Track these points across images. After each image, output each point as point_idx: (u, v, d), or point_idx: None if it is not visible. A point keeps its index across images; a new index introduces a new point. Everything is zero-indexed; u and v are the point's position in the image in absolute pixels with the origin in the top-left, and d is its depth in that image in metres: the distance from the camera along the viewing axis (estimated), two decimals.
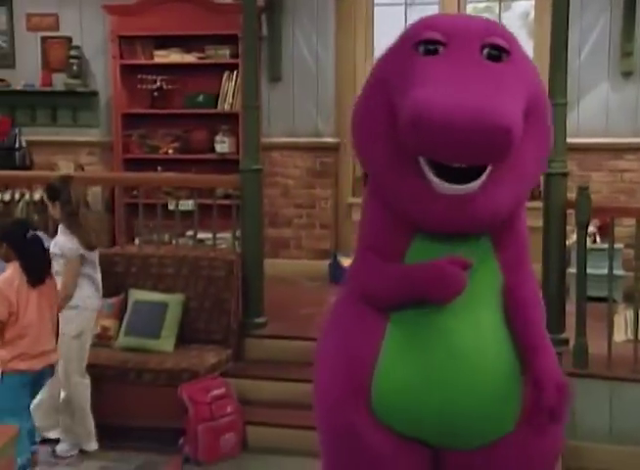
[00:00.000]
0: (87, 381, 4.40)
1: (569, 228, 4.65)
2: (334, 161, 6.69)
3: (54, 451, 4.38)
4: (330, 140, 6.67)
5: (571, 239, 4.88)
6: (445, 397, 2.40)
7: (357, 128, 2.49)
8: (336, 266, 6.42)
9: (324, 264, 6.54)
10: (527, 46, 6.63)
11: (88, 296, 4.39)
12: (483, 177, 2.28)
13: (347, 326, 2.57)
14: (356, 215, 6.72)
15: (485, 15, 6.88)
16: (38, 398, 4.41)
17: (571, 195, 4.52)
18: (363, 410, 2.49)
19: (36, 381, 3.96)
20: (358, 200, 6.75)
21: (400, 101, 2.28)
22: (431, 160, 2.27)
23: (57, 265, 4.32)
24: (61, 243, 4.30)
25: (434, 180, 2.28)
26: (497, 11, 6.69)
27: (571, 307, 4.44)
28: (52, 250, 4.33)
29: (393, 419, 2.48)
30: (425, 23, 2.42)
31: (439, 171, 2.27)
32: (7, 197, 6.20)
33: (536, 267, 4.70)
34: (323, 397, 2.64)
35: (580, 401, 4.15)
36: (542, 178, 4.64)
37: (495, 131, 2.14)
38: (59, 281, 4.30)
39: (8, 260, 3.94)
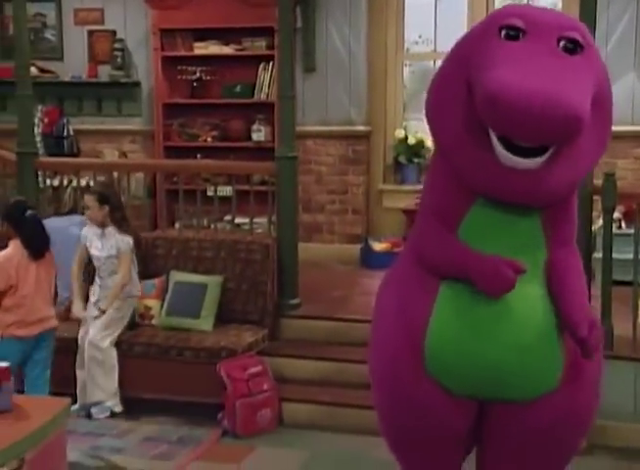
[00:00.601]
0: (115, 352, 4.55)
1: (595, 214, 4.57)
2: (365, 148, 6.66)
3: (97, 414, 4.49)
4: (362, 129, 6.63)
5: (597, 224, 4.80)
6: (493, 354, 2.51)
7: (433, 100, 2.59)
8: (367, 251, 6.42)
9: (355, 249, 6.54)
10: None
11: (136, 284, 4.70)
12: (548, 154, 2.37)
13: (406, 286, 2.68)
14: (387, 202, 6.73)
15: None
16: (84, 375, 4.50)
17: (598, 181, 4.44)
18: (418, 365, 2.58)
19: (36, 345, 4.08)
20: (389, 186, 6.77)
21: (478, 77, 2.38)
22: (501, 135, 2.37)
23: (112, 265, 4.58)
24: (117, 244, 4.59)
25: (502, 153, 2.37)
26: (526, 0, 6.57)
27: (596, 291, 4.38)
28: (105, 253, 4.59)
29: (443, 374, 2.57)
30: (510, 11, 2.53)
31: (507, 145, 2.36)
32: (56, 183, 6.25)
33: None
34: (381, 352, 2.73)
35: (606, 382, 4.09)
36: None
37: (568, 118, 2.24)
38: (112, 280, 4.56)
39: (9, 238, 4.07)
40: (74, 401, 4.48)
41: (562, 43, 2.40)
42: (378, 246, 6.39)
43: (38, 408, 2.41)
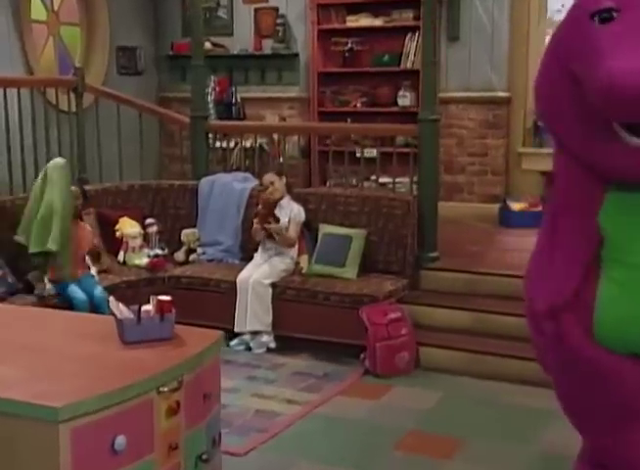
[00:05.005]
0: (271, 291, 4.62)
1: None
2: (505, 113, 6.39)
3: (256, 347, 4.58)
4: (502, 94, 6.37)
5: None
6: None
7: (541, 98, 2.32)
8: (505, 210, 6.18)
9: (494, 208, 6.31)
10: None
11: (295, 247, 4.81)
12: None
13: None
14: (526, 164, 6.45)
15: None
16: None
17: None
18: (586, 335, 2.30)
19: None
20: (528, 149, 6.48)
21: (586, 70, 2.07)
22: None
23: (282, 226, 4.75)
24: (292, 212, 4.76)
25: (627, 137, 2.07)
26: None
27: None
28: (284, 219, 4.71)
29: (614, 345, 2.28)
30: None
31: (630, 129, 2.07)
32: (225, 144, 6.39)
33: None
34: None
35: None
36: None
37: None
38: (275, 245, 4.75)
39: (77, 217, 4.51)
40: (235, 336, 4.60)
41: None
42: (516, 205, 6.15)
43: (196, 338, 2.43)
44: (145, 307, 2.42)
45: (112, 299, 2.51)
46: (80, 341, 2.40)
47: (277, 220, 4.68)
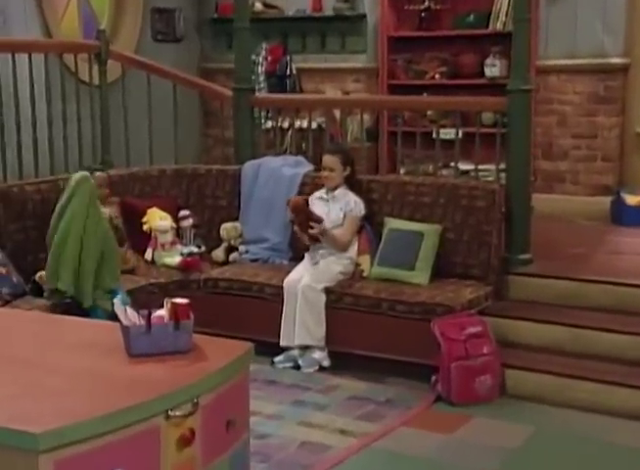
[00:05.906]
0: (324, 297, 4.59)
1: None
2: (621, 84, 6.27)
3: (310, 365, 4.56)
4: (617, 61, 6.24)
5: None
6: None
7: None
8: (618, 204, 6.07)
9: (605, 202, 6.20)
10: None
11: (355, 245, 4.82)
12: None
13: None
14: None
15: None
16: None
17: None
18: None
19: None
20: None
21: None
22: None
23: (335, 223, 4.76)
24: (349, 205, 4.77)
25: None
26: None
27: None
28: (330, 219, 4.71)
29: None
30: None
31: None
32: (276, 124, 6.35)
33: None
34: None
35: None
36: None
37: None
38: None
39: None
40: (281, 351, 4.59)
41: None
42: (632, 199, 6.04)
43: (218, 350, 2.40)
44: (157, 313, 2.41)
45: (116, 301, 2.48)
46: (83, 352, 2.39)
47: (319, 221, 4.64)
